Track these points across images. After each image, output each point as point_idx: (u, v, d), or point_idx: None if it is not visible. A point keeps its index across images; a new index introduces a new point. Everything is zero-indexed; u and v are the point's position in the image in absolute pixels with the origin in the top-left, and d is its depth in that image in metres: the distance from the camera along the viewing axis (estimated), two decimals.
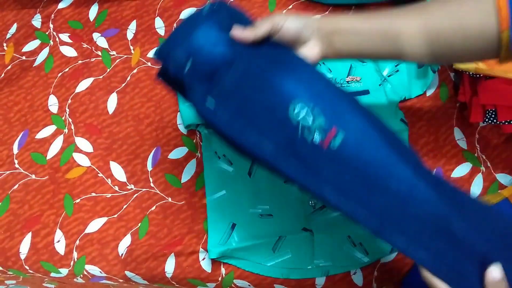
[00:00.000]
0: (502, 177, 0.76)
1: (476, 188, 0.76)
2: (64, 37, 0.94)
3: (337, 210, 0.57)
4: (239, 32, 0.54)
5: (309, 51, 0.54)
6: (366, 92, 0.80)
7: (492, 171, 0.76)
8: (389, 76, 0.81)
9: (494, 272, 0.48)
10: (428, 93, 0.81)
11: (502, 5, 0.46)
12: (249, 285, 0.73)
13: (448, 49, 0.51)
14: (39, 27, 0.95)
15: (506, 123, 0.73)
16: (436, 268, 0.53)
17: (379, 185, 0.55)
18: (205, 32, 0.58)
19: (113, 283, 0.78)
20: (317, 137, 0.56)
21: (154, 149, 0.82)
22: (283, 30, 0.54)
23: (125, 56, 0.90)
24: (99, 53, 0.91)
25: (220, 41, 0.58)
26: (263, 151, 0.57)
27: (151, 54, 0.90)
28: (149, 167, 0.81)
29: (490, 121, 0.73)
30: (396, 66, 0.81)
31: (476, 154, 0.77)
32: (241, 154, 0.62)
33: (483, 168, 0.76)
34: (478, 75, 0.72)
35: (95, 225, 0.78)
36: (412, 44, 0.51)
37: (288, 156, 0.57)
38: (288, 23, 0.53)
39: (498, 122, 0.73)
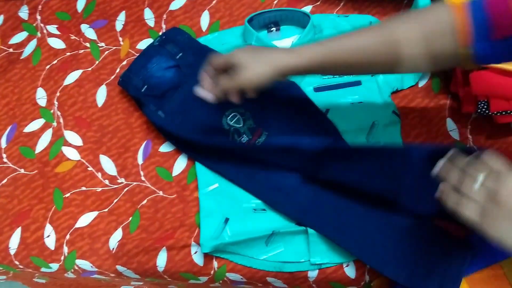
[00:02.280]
0: None
1: None
2: (52, 28, 0.92)
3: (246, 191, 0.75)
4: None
5: None
6: (358, 83, 0.80)
7: None
8: None
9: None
10: (420, 84, 0.81)
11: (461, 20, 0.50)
12: (241, 278, 0.73)
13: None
14: (26, 19, 0.94)
15: (498, 114, 0.73)
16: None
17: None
18: (156, 63, 0.79)
19: (104, 277, 0.78)
20: (245, 138, 0.75)
21: (145, 142, 0.81)
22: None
23: (114, 47, 0.89)
24: (88, 44, 0.90)
25: (167, 69, 0.79)
26: (201, 152, 0.76)
27: (140, 45, 0.88)
28: (140, 160, 0.80)
29: (482, 112, 0.73)
30: None
31: (468, 145, 0.77)
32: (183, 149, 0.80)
33: None
34: None
35: (85, 220, 0.78)
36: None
37: (219, 154, 0.74)
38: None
39: (490, 113, 0.73)
